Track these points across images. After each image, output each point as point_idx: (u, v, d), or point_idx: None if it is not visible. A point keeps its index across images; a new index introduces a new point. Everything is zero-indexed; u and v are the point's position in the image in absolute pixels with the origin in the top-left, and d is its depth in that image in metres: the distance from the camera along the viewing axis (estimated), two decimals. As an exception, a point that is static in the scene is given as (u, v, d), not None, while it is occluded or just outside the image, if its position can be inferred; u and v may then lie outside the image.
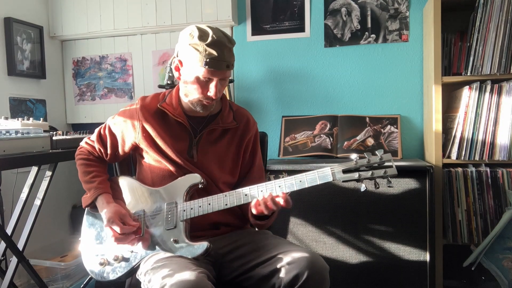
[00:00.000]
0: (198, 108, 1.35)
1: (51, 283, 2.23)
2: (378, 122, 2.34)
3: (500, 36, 1.91)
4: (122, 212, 1.32)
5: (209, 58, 1.24)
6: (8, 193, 2.10)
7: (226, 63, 1.27)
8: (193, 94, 1.32)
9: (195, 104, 1.35)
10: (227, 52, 1.27)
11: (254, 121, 1.51)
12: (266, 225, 1.38)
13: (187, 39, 1.28)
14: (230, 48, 1.29)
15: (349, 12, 2.41)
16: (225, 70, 1.28)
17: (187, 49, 1.28)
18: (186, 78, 1.32)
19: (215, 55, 1.24)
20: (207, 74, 1.27)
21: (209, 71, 1.26)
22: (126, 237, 1.29)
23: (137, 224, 1.32)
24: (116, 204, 1.35)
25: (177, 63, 1.34)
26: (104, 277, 1.34)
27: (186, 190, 1.32)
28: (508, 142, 1.93)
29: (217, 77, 1.28)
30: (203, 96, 1.31)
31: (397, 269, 1.95)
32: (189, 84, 1.32)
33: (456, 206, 2.02)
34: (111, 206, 1.33)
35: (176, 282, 1.07)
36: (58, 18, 2.70)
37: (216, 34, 1.26)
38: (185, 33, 1.30)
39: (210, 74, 1.27)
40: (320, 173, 1.19)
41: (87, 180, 1.40)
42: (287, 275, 1.16)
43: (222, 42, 1.26)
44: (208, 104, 1.34)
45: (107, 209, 1.31)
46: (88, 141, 1.50)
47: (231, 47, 1.29)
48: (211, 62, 1.24)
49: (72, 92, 2.84)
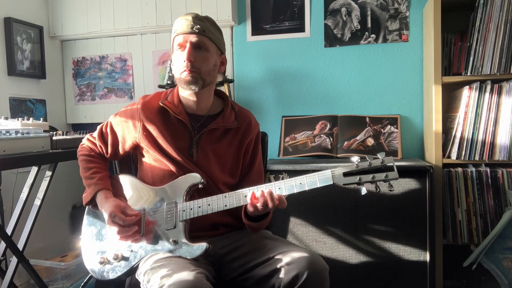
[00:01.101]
0: (183, 85, 1.34)
1: (51, 283, 2.23)
2: (378, 122, 2.34)
3: (500, 36, 1.91)
4: (122, 204, 1.33)
5: (176, 25, 1.35)
6: (8, 193, 2.11)
7: (192, 26, 1.32)
8: (176, 70, 1.36)
9: (181, 82, 1.35)
10: (195, 19, 1.33)
11: (256, 123, 1.51)
12: (259, 227, 1.35)
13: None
14: (198, 16, 1.35)
15: (349, 12, 2.41)
16: (190, 32, 1.32)
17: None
18: (173, 60, 1.39)
19: (180, 20, 1.34)
20: (176, 41, 1.34)
21: (177, 36, 1.34)
22: (129, 229, 1.30)
23: (139, 213, 1.32)
24: (115, 199, 1.35)
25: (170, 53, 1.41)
26: (104, 276, 1.34)
27: (186, 190, 1.32)
28: (508, 142, 1.92)
29: (185, 40, 1.32)
30: (181, 66, 1.33)
31: (397, 269, 1.95)
32: (173, 63, 1.38)
33: (456, 206, 2.01)
34: (110, 200, 1.33)
35: (175, 282, 1.06)
36: (58, 18, 2.70)
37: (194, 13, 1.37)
38: None
39: (178, 39, 1.34)
40: (320, 176, 1.19)
41: (87, 176, 1.40)
42: (286, 275, 1.16)
43: (192, 13, 1.36)
44: (188, 75, 1.31)
45: (107, 204, 1.32)
46: (90, 138, 1.51)
47: (201, 17, 1.36)
48: (177, 26, 1.34)
49: (72, 92, 2.85)
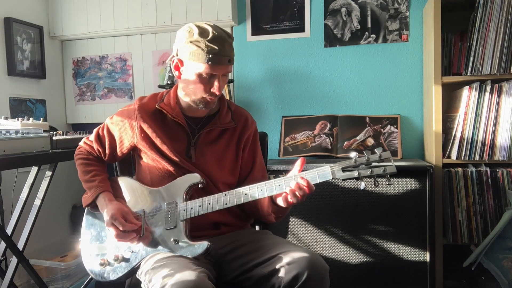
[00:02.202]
0: (201, 106, 1.35)
1: (51, 283, 2.23)
2: (378, 122, 2.34)
3: (500, 36, 1.91)
4: (125, 209, 1.32)
5: (211, 53, 1.24)
6: (8, 193, 2.10)
7: (228, 58, 1.28)
8: (196, 92, 1.32)
9: (197, 102, 1.34)
10: (228, 46, 1.28)
11: (252, 120, 1.50)
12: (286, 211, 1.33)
13: (186, 36, 1.28)
14: (230, 43, 1.29)
15: (349, 12, 2.41)
16: (227, 64, 1.28)
17: (187, 47, 1.27)
18: (187, 76, 1.31)
19: (217, 50, 1.24)
20: (209, 70, 1.26)
21: (212, 67, 1.26)
22: (127, 234, 1.29)
23: (139, 223, 1.32)
24: (118, 202, 1.35)
25: (176, 62, 1.33)
26: (104, 277, 1.33)
27: (186, 190, 1.31)
28: (508, 142, 1.93)
29: (220, 72, 1.29)
30: (206, 93, 1.31)
31: (397, 269, 1.95)
32: (191, 82, 1.31)
33: (456, 206, 2.02)
34: (113, 203, 1.33)
35: (177, 281, 1.06)
36: (58, 18, 2.70)
37: (215, 30, 1.27)
38: (183, 31, 1.30)
39: (213, 70, 1.27)
40: (319, 172, 1.19)
41: (87, 179, 1.39)
42: (287, 275, 1.16)
43: (223, 37, 1.27)
44: (211, 101, 1.34)
45: (110, 206, 1.31)
46: (86, 141, 1.50)
47: (231, 42, 1.30)
48: (214, 57, 1.24)
49: (72, 92, 2.85)
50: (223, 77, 1.32)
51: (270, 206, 1.30)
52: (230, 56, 1.29)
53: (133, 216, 1.33)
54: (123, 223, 1.27)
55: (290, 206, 1.26)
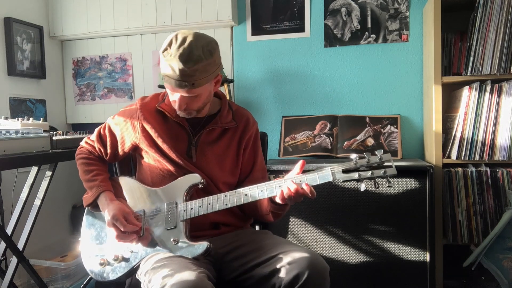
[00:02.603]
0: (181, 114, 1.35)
1: (51, 283, 2.23)
2: (378, 122, 2.34)
3: (500, 36, 1.91)
4: (126, 210, 1.32)
5: (165, 75, 1.24)
6: (8, 193, 2.10)
7: (183, 83, 1.20)
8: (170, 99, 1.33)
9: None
10: (189, 70, 1.18)
11: (254, 121, 1.50)
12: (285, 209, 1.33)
13: (164, 45, 1.23)
14: (194, 66, 1.18)
15: (349, 12, 2.41)
16: (182, 88, 1.22)
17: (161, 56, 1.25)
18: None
19: (170, 73, 1.21)
20: (166, 84, 1.27)
21: (167, 86, 1.27)
22: (128, 235, 1.29)
23: (140, 224, 1.32)
24: (119, 202, 1.35)
25: None
26: (104, 277, 1.33)
27: (186, 190, 1.32)
28: (508, 142, 1.93)
29: (175, 92, 1.27)
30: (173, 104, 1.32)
31: (397, 269, 1.95)
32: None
33: (456, 206, 2.02)
34: (115, 203, 1.33)
35: (177, 282, 1.06)
36: (58, 18, 2.70)
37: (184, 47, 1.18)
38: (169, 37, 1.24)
39: (168, 86, 1.27)
40: (320, 173, 1.19)
41: (88, 179, 1.40)
42: (287, 275, 1.16)
43: (186, 58, 1.18)
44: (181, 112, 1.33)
45: (111, 206, 1.31)
46: (88, 141, 1.51)
47: (199, 62, 1.18)
48: (167, 78, 1.24)
49: (72, 92, 2.85)
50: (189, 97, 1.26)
51: (269, 205, 1.30)
52: (187, 80, 1.19)
53: (134, 216, 1.33)
54: (124, 223, 1.28)
55: (287, 206, 1.26)
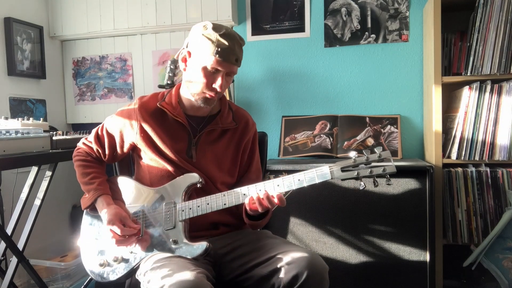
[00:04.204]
0: (200, 102, 1.33)
1: (51, 283, 2.23)
2: (378, 122, 2.34)
3: (500, 36, 1.91)
4: (123, 214, 1.32)
5: (220, 47, 1.24)
6: (8, 193, 2.11)
7: (235, 57, 1.28)
8: (197, 85, 1.31)
9: (197, 97, 1.33)
10: (238, 47, 1.28)
11: (253, 122, 1.50)
12: (260, 225, 1.37)
13: (200, 30, 1.29)
14: (240, 45, 1.31)
15: (349, 12, 2.41)
16: (233, 63, 1.28)
17: (198, 39, 1.28)
18: (193, 68, 1.31)
19: (226, 45, 1.25)
20: (215, 64, 1.26)
21: (218, 61, 1.25)
22: (126, 239, 1.29)
23: (138, 227, 1.31)
24: (116, 206, 1.34)
25: (185, 54, 1.33)
26: (104, 278, 1.33)
27: (185, 190, 1.31)
28: (508, 142, 1.92)
29: (225, 69, 1.28)
30: (207, 88, 1.30)
31: (397, 269, 1.95)
32: (194, 75, 1.31)
33: (456, 206, 2.01)
34: (112, 207, 1.32)
35: (175, 282, 1.06)
36: (58, 18, 2.70)
37: (229, 29, 1.29)
38: (199, 25, 1.31)
39: (218, 65, 1.26)
40: (318, 172, 1.19)
41: (86, 182, 1.39)
42: (286, 275, 1.16)
43: (235, 37, 1.28)
44: (210, 98, 1.32)
45: (108, 210, 1.31)
46: (85, 142, 1.49)
47: (241, 44, 1.31)
48: (222, 52, 1.25)
49: (72, 92, 2.85)
50: (227, 77, 1.31)
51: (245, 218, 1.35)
52: (238, 56, 1.29)
53: (131, 220, 1.33)
54: (121, 228, 1.27)
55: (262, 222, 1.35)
